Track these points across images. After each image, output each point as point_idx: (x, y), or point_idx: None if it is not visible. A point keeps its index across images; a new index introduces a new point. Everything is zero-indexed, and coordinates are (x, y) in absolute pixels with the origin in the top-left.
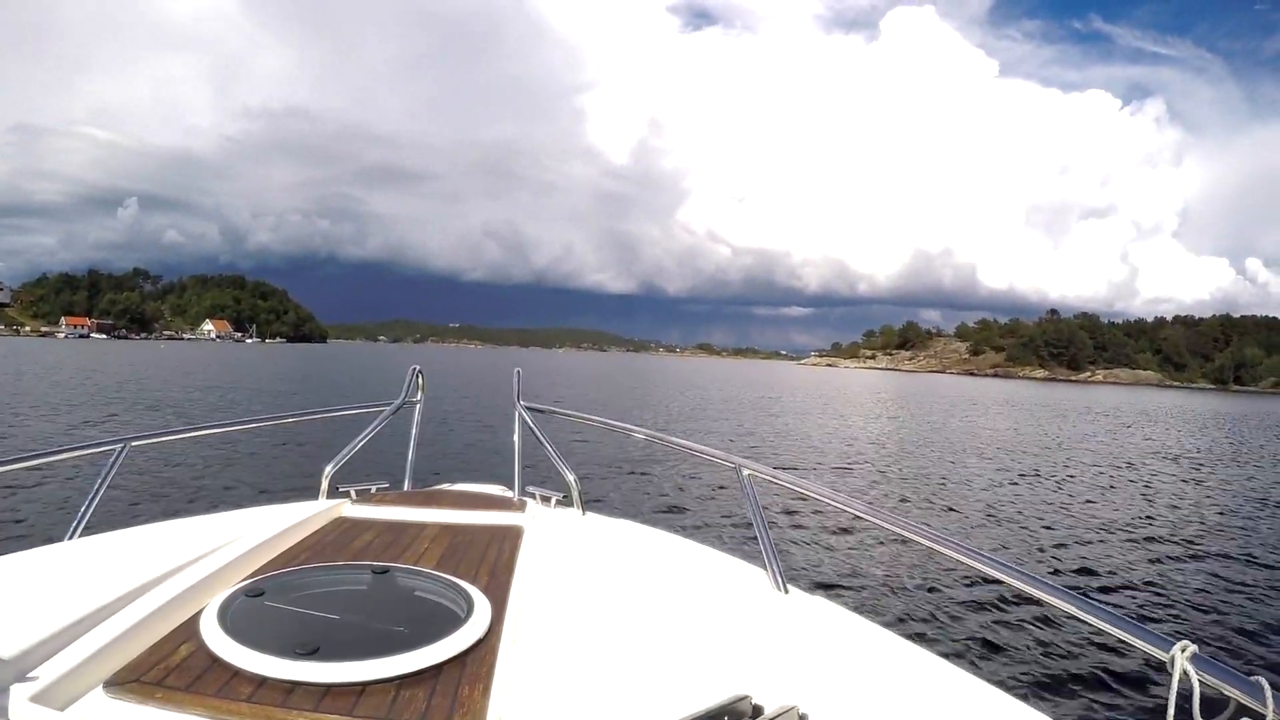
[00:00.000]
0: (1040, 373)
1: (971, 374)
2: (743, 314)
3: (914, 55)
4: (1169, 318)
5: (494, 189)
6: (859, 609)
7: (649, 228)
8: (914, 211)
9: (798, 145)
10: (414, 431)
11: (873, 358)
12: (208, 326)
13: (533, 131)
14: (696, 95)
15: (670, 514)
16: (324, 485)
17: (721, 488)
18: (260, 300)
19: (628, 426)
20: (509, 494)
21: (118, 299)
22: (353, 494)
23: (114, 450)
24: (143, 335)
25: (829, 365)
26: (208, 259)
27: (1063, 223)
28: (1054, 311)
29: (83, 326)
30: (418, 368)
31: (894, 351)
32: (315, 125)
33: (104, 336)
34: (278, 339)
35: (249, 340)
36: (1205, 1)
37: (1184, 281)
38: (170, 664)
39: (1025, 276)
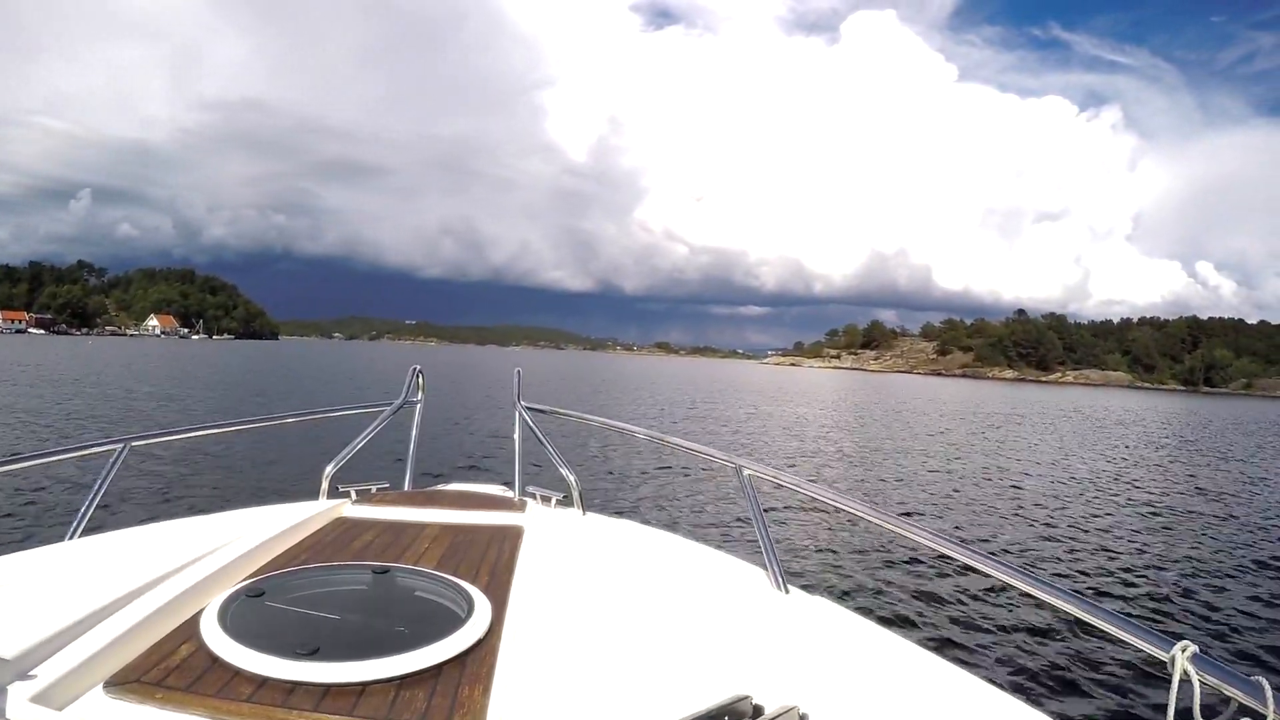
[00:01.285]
0: (1009, 373)
1: (939, 374)
2: (699, 313)
3: (874, 59)
4: (1125, 319)
5: (451, 185)
6: (859, 609)
7: (606, 226)
8: (871, 212)
9: (756, 146)
10: (414, 431)
11: (837, 357)
12: (152, 322)
13: (491, 127)
14: (656, 94)
15: (670, 514)
16: (324, 485)
17: (721, 488)
18: (209, 295)
19: (628, 426)
20: (509, 494)
21: (59, 292)
22: (353, 494)
23: (114, 450)
24: (84, 331)
25: (792, 365)
26: (161, 253)
27: (1018, 225)
28: (1021, 312)
29: (20, 321)
30: (418, 368)
31: (858, 351)
32: (272, 118)
33: (42, 332)
34: (225, 335)
35: (195, 336)
36: (1162, 12)
37: (1137, 284)
38: (170, 664)
39: (980, 278)
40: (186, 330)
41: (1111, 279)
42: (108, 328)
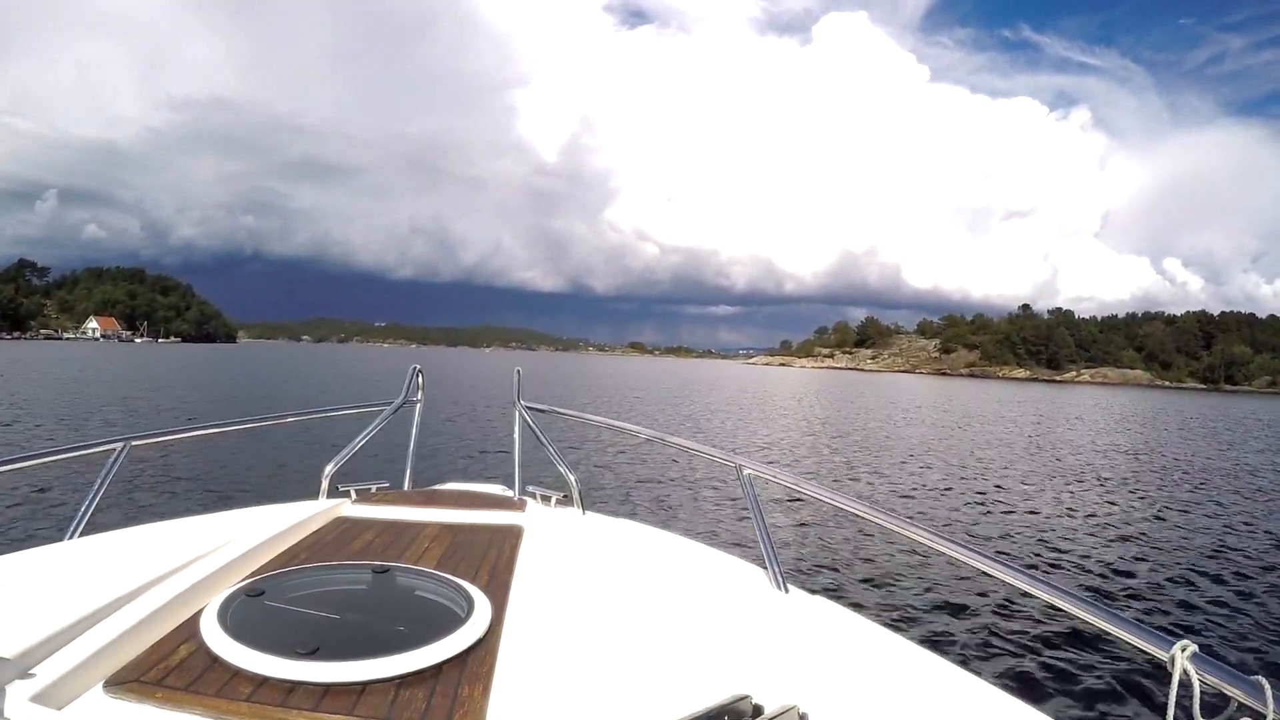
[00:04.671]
0: (1021, 372)
1: (944, 374)
2: (671, 312)
3: (846, 60)
4: (1131, 314)
5: (422, 184)
6: (859, 609)
7: (577, 226)
8: (841, 212)
9: (727, 145)
10: (414, 431)
11: (830, 356)
12: (92, 324)
13: (463, 127)
14: (628, 93)
15: (670, 514)
16: (324, 485)
17: (721, 488)
18: (160, 296)
19: (628, 426)
20: (509, 494)
21: None
22: (353, 494)
23: (114, 450)
24: (15, 335)
25: (782, 364)
26: (129, 255)
27: (987, 224)
28: (1026, 306)
29: None
30: (418, 367)
31: (853, 350)
32: (240, 116)
33: None
34: (173, 338)
35: (138, 340)
36: (1132, 15)
37: (1105, 280)
38: (170, 664)
39: (950, 275)
40: (130, 333)
41: (1080, 276)
42: (43, 331)
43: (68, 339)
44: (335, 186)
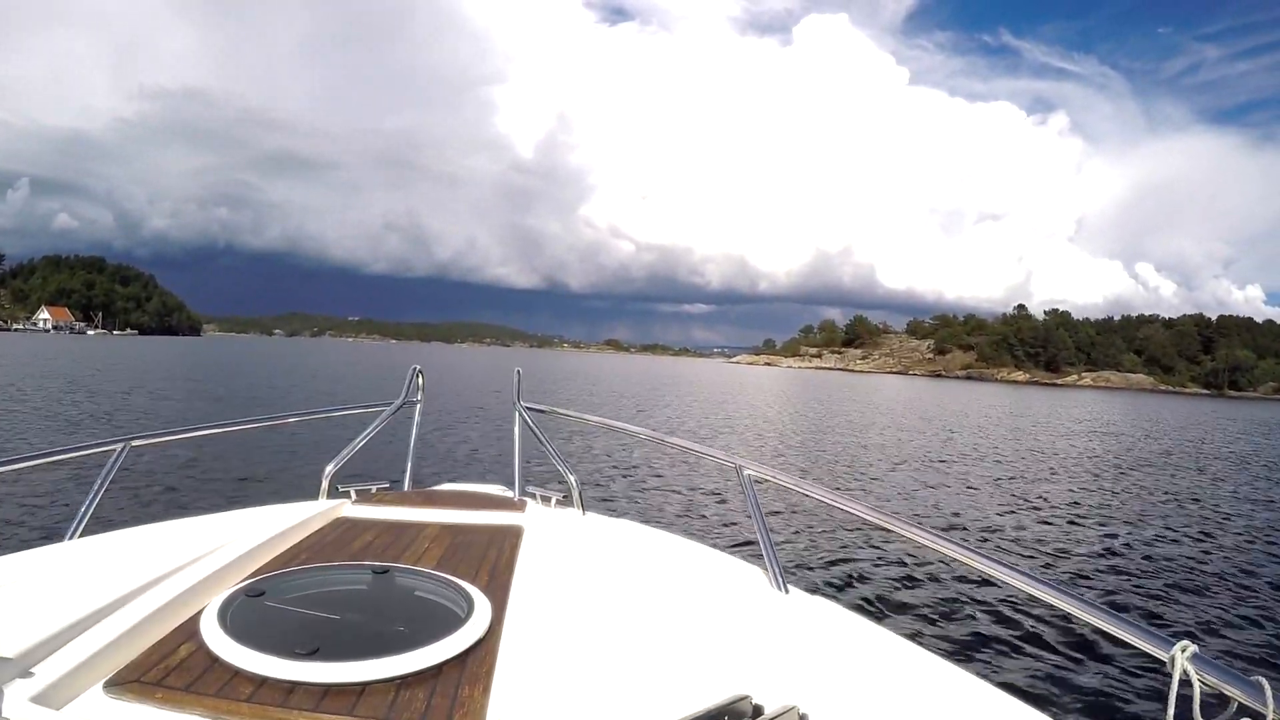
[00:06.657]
0: (1020, 375)
1: (939, 376)
2: (645, 310)
3: (826, 61)
4: (1125, 316)
5: (397, 180)
6: (859, 609)
7: (552, 223)
8: (816, 211)
9: (704, 144)
10: (414, 431)
11: (818, 356)
12: (44, 315)
13: (438, 122)
14: (606, 91)
15: (670, 514)
16: (324, 485)
17: (721, 488)
18: (119, 286)
19: (628, 426)
20: (509, 494)
21: None
22: (353, 494)
23: (114, 450)
24: None
25: (767, 364)
26: (101, 246)
27: (962, 226)
28: (1021, 307)
29: None
30: (418, 368)
31: (842, 350)
32: (214, 109)
33: None
34: (130, 331)
35: (92, 332)
36: (1111, 22)
37: (1079, 284)
38: (170, 664)
39: (924, 277)
40: (83, 324)
41: (1053, 279)
42: None
43: (18, 330)
44: (309, 181)
